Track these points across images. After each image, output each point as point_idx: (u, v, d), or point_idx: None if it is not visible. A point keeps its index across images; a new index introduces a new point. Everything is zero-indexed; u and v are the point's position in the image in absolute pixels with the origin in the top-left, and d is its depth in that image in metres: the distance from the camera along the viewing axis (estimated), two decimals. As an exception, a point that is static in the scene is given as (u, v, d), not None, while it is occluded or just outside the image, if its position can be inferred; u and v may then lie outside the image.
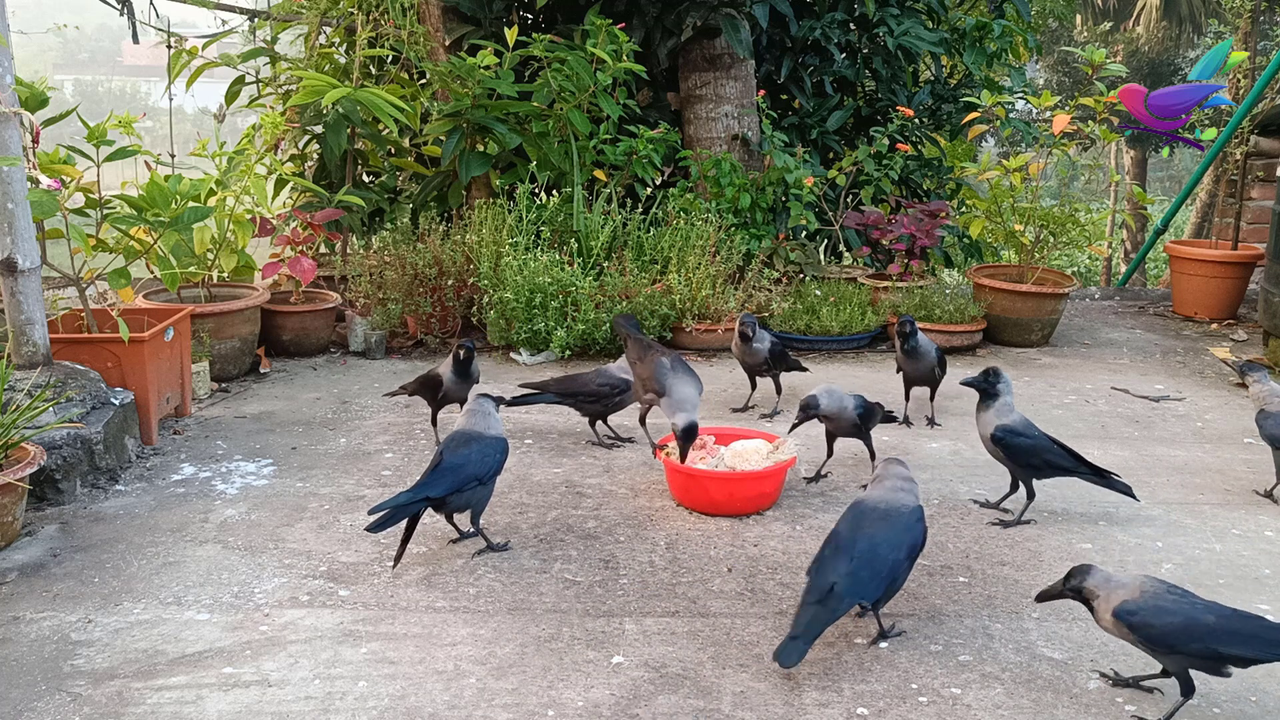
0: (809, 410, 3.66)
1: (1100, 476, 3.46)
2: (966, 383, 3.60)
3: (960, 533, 3.47)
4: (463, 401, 4.09)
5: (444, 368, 4.07)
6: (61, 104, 4.77)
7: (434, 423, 4.19)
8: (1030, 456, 3.46)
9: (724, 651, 2.74)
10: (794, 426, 3.71)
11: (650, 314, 5.33)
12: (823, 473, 3.92)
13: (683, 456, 3.59)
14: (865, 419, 3.78)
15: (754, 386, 4.70)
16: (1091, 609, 2.52)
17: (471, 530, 3.30)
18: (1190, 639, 2.37)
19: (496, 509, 3.59)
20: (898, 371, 4.51)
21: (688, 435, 3.58)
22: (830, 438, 3.88)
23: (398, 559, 3.15)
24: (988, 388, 3.54)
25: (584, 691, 2.56)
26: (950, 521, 3.56)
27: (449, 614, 2.91)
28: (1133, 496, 3.49)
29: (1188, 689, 2.43)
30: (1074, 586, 2.53)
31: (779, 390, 4.63)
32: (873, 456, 3.88)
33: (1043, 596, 2.63)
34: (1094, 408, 4.82)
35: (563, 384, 4.20)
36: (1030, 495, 3.53)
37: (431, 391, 4.11)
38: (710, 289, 5.54)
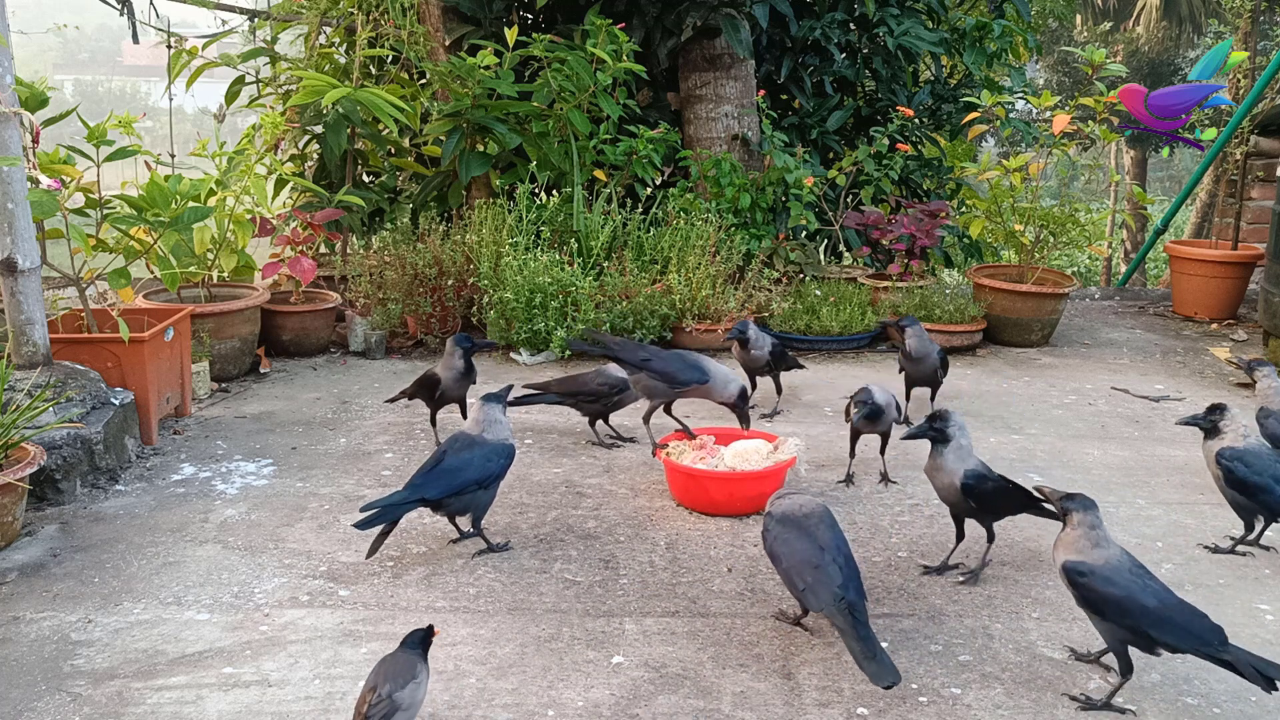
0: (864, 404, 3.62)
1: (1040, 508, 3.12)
2: (912, 435, 3.16)
3: (960, 533, 3.47)
4: (461, 400, 4.09)
5: (441, 367, 4.07)
6: (61, 104, 4.77)
7: (433, 423, 4.19)
8: (996, 500, 3.10)
9: (724, 651, 2.74)
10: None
11: (650, 314, 5.33)
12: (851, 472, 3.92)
13: (746, 420, 3.91)
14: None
15: (754, 386, 4.70)
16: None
17: (472, 531, 3.29)
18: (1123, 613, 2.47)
19: (496, 509, 3.59)
20: (900, 372, 4.51)
21: (743, 398, 3.90)
22: (855, 436, 3.83)
23: (373, 550, 3.13)
24: (937, 435, 3.10)
25: (584, 691, 2.56)
26: (950, 521, 3.55)
27: (449, 614, 2.91)
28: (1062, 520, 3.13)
29: (1126, 668, 2.52)
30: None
31: (779, 390, 4.63)
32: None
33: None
34: (1094, 408, 4.82)
35: (564, 384, 4.21)
36: (991, 537, 3.17)
37: (429, 391, 4.10)
38: (710, 289, 5.54)
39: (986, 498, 3.07)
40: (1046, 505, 3.03)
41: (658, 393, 3.86)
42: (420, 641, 2.32)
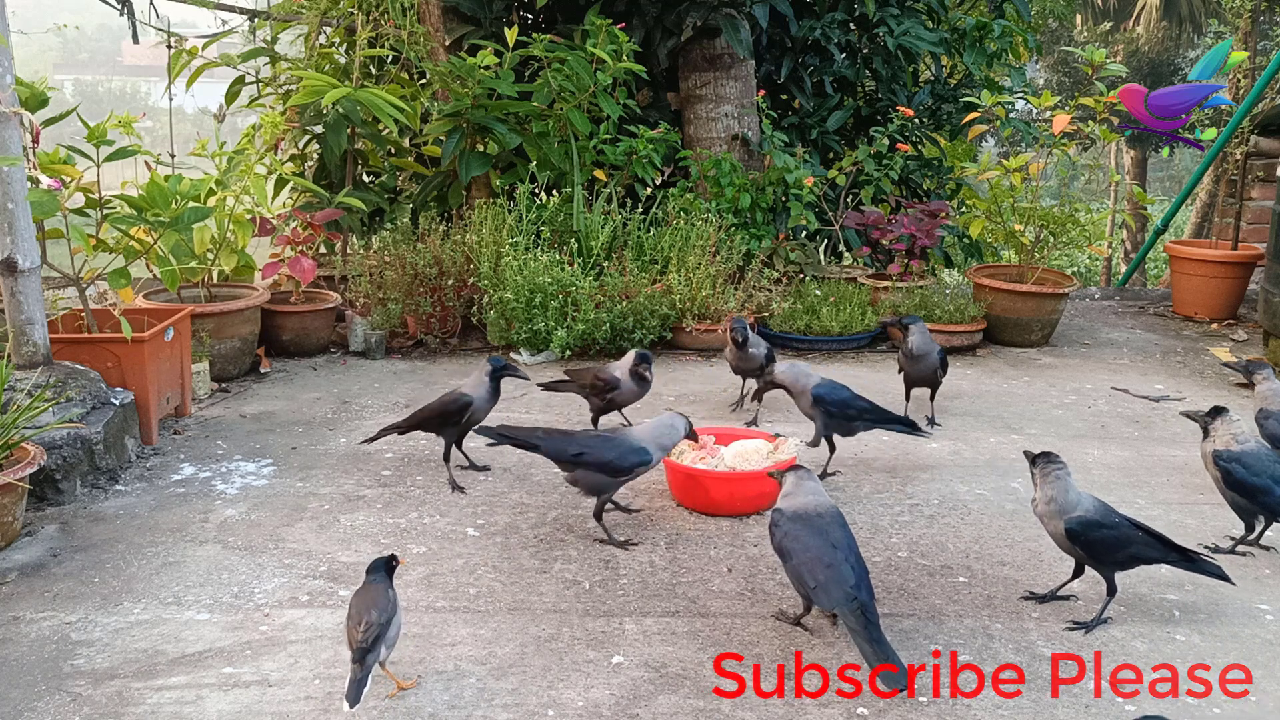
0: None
1: (1189, 561, 2.91)
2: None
3: (960, 533, 3.47)
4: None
5: (469, 386, 3.79)
6: (61, 104, 4.76)
7: (459, 447, 3.86)
8: (1114, 552, 2.87)
9: (724, 651, 2.74)
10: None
11: (650, 314, 5.33)
12: (829, 471, 3.92)
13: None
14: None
15: (745, 386, 4.67)
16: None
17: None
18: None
19: (497, 509, 3.60)
20: (899, 372, 4.50)
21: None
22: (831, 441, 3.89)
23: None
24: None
25: (584, 691, 2.56)
26: (950, 521, 3.56)
27: (449, 614, 2.91)
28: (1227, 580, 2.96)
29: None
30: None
31: (760, 395, 4.60)
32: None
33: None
34: (1094, 408, 4.82)
35: (574, 375, 4.20)
36: (1111, 590, 2.92)
37: (458, 414, 3.73)
38: (710, 289, 5.54)
39: (1095, 546, 2.85)
40: (1194, 558, 2.88)
41: (603, 486, 3.33)
42: (385, 569, 2.57)
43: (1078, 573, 2.98)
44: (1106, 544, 2.84)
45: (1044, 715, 2.50)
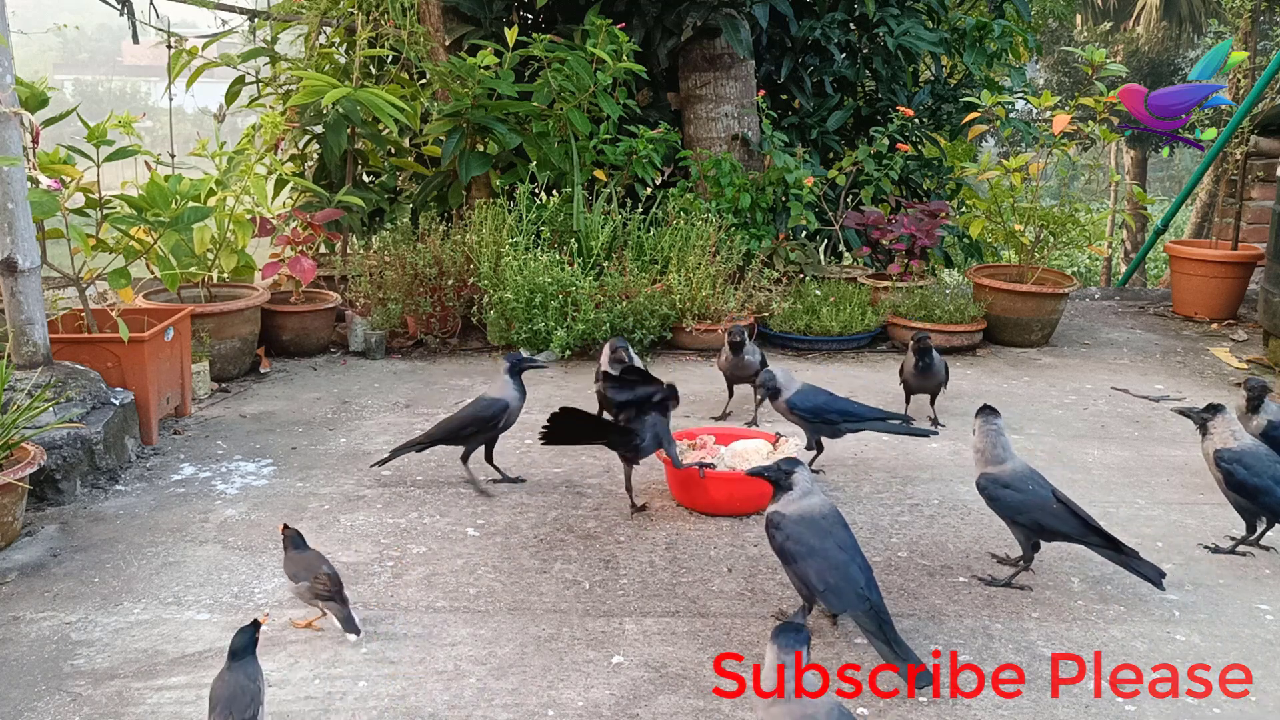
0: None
1: (1120, 554, 2.93)
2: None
3: (960, 533, 3.47)
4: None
5: (499, 391, 3.70)
6: (61, 104, 4.77)
7: (490, 459, 3.79)
8: (1015, 513, 3.02)
9: (724, 651, 2.74)
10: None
11: (650, 314, 5.33)
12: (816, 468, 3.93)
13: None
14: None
15: (731, 394, 4.63)
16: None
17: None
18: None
19: (497, 508, 3.60)
20: (901, 382, 4.49)
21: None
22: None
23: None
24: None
25: (584, 691, 2.56)
26: (950, 521, 3.56)
27: (449, 614, 2.91)
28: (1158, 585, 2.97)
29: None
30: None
31: (753, 397, 4.59)
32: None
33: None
34: (1094, 408, 4.82)
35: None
36: (1026, 559, 3.10)
37: (494, 421, 3.66)
38: (710, 289, 5.54)
39: (998, 503, 3.05)
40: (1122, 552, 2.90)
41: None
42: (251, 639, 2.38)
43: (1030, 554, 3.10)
44: (1008, 504, 3.02)
45: (1044, 715, 2.50)
